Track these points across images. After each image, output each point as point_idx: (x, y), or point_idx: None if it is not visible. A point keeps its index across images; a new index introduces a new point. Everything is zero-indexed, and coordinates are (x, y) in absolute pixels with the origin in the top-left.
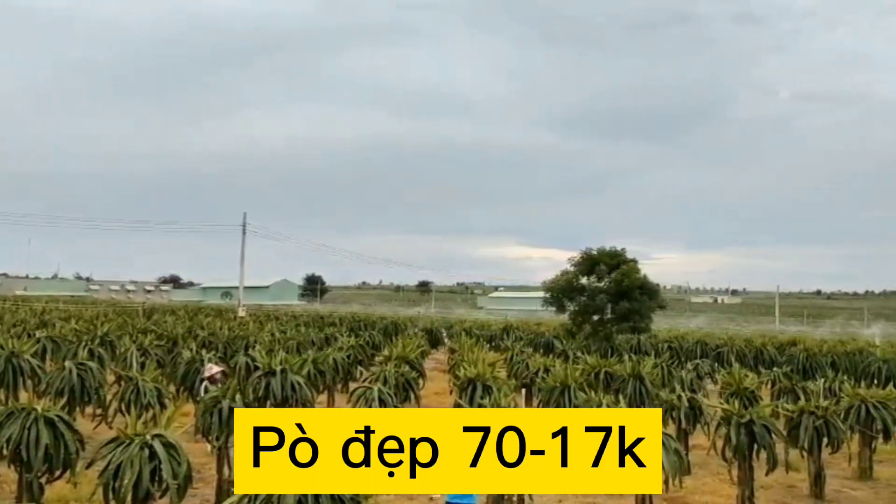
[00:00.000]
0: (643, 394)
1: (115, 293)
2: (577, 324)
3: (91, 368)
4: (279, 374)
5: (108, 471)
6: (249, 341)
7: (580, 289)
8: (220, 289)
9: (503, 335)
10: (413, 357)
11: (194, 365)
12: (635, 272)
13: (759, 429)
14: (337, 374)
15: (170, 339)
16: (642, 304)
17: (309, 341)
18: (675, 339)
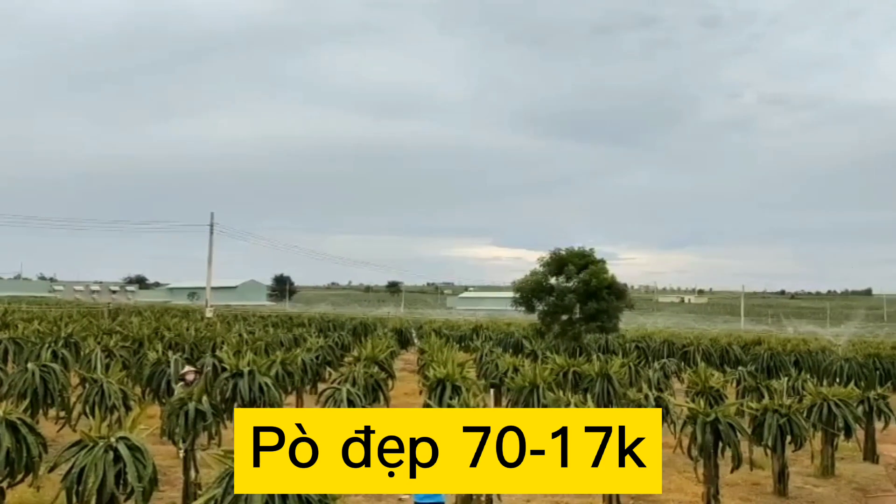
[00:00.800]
0: (611, 393)
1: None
2: (546, 324)
3: (54, 370)
4: (247, 375)
5: (72, 474)
6: (217, 342)
7: (549, 289)
8: (187, 289)
9: (473, 335)
10: (382, 358)
11: (160, 367)
12: (603, 272)
13: (724, 427)
14: (306, 375)
15: (135, 340)
16: (610, 304)
17: (277, 342)
18: (643, 339)
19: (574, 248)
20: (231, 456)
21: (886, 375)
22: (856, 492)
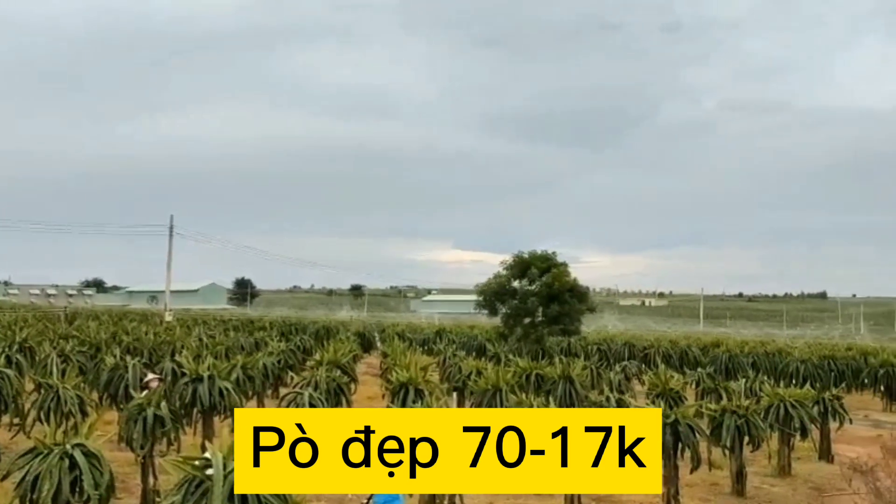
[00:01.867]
0: (573, 395)
1: (35, 297)
2: (509, 326)
3: (8, 376)
4: (206, 380)
5: (26, 482)
6: (176, 347)
7: (512, 292)
8: (146, 293)
9: (436, 338)
10: (345, 361)
11: (118, 372)
12: (565, 275)
13: (683, 428)
14: (267, 379)
15: (93, 345)
16: (572, 307)
17: (238, 346)
18: (604, 342)
19: (537, 252)
20: (190, 462)
21: (841, 376)
22: (812, 491)
